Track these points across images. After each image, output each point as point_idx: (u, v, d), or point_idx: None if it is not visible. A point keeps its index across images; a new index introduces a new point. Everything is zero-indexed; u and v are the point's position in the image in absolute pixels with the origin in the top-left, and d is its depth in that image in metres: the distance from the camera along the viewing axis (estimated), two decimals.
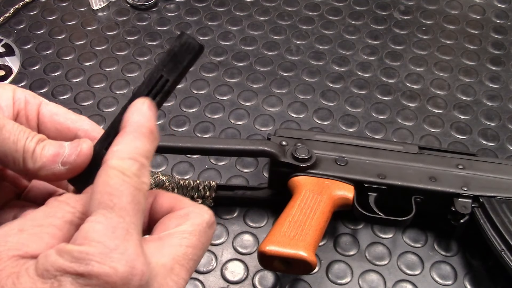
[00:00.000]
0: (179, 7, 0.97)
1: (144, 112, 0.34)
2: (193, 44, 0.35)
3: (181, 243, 0.33)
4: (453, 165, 0.65)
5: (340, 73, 0.86)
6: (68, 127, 0.38)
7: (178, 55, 0.35)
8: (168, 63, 0.36)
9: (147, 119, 0.34)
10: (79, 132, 0.38)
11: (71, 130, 0.38)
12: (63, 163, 0.34)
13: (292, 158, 0.63)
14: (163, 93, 0.36)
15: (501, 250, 0.58)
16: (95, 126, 0.38)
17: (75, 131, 0.38)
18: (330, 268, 0.63)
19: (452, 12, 0.97)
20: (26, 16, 0.95)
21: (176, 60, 0.36)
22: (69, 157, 0.34)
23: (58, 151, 0.34)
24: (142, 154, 0.32)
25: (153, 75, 0.36)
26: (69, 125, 0.38)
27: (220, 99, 0.82)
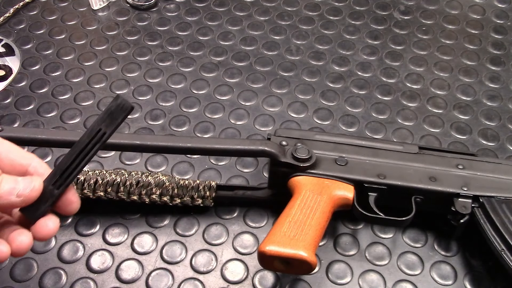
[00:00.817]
0: (179, 7, 0.97)
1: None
2: (126, 105, 0.44)
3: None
4: (453, 165, 0.65)
5: (340, 73, 0.86)
6: (21, 164, 0.45)
7: (114, 113, 0.44)
8: (106, 120, 0.44)
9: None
10: (30, 168, 0.45)
11: (23, 166, 0.45)
12: (18, 195, 0.43)
13: (292, 158, 0.63)
14: (100, 143, 0.44)
15: (501, 250, 0.58)
16: (42, 164, 0.46)
17: (26, 167, 0.45)
18: (330, 268, 0.63)
19: (452, 12, 0.97)
20: (26, 16, 0.95)
21: (112, 117, 0.44)
22: (24, 191, 0.43)
23: (14, 186, 0.43)
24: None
25: (93, 128, 0.44)
26: (22, 161, 0.45)
27: (220, 99, 0.82)
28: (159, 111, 0.79)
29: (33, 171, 0.45)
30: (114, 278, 0.61)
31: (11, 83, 0.84)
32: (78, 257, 0.63)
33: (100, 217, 0.66)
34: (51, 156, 0.73)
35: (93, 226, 0.66)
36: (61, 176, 0.44)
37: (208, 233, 0.66)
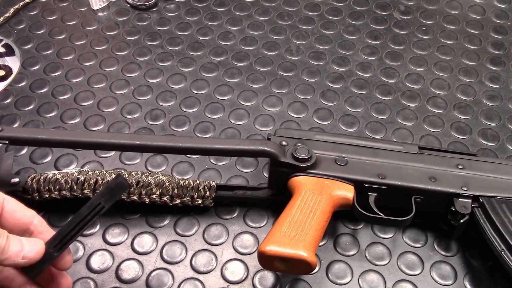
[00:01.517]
0: (179, 7, 0.97)
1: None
2: (125, 185, 0.51)
3: None
4: (453, 165, 0.65)
5: (340, 73, 0.86)
6: (24, 222, 0.50)
7: (114, 190, 0.50)
8: (105, 195, 0.50)
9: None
10: (31, 226, 0.50)
11: (26, 224, 0.50)
12: (24, 257, 0.47)
13: (292, 158, 0.63)
14: (98, 215, 0.50)
15: (501, 250, 0.58)
16: (42, 222, 0.51)
17: (28, 225, 0.50)
18: (330, 268, 0.63)
19: (452, 12, 0.97)
20: (26, 16, 0.95)
21: (111, 194, 0.50)
22: (30, 253, 0.47)
23: (21, 248, 0.47)
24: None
25: (93, 202, 0.50)
26: (25, 220, 0.50)
27: (220, 99, 0.82)
28: (159, 111, 0.79)
29: (34, 229, 0.51)
30: (114, 278, 0.61)
31: (11, 83, 0.84)
32: (78, 257, 0.63)
33: (100, 217, 0.66)
34: (51, 156, 0.73)
35: (93, 226, 0.66)
36: (61, 241, 0.50)
37: (208, 233, 0.66)
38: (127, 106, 0.80)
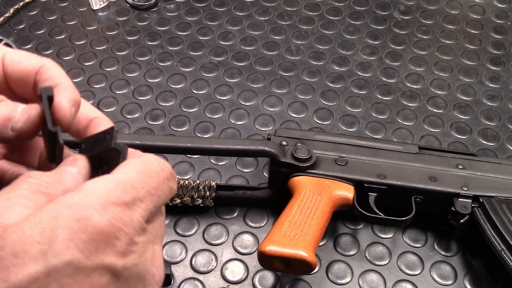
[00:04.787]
0: (179, 7, 0.97)
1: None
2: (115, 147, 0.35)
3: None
4: (453, 165, 0.65)
5: (340, 73, 0.86)
6: (28, 72, 0.36)
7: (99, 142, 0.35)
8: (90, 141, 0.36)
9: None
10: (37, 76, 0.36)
11: (30, 74, 0.36)
12: (12, 128, 0.34)
13: (292, 158, 0.63)
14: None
15: (501, 250, 0.58)
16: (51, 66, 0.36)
17: (33, 75, 0.36)
18: (330, 268, 0.63)
19: (452, 12, 0.97)
20: (26, 16, 0.95)
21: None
22: (17, 123, 0.34)
23: (9, 115, 0.34)
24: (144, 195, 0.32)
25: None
26: (29, 69, 0.36)
27: (220, 99, 0.82)
28: (159, 111, 0.79)
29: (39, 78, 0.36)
30: None
31: None
32: None
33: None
34: None
35: None
36: None
37: (208, 233, 0.66)
38: (127, 106, 0.80)
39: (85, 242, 0.27)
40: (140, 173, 0.31)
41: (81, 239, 0.27)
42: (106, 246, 0.28)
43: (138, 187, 0.31)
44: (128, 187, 0.30)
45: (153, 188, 0.32)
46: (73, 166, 0.33)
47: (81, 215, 0.27)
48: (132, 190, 0.30)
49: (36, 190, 0.30)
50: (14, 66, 0.36)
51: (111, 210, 0.28)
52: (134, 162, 0.32)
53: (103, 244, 0.28)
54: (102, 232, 0.28)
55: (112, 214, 0.28)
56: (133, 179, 0.31)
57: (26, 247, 0.26)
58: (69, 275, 0.27)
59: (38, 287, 0.26)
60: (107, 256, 0.28)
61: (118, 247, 0.28)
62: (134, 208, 0.30)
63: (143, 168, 0.32)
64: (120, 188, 0.30)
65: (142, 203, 0.30)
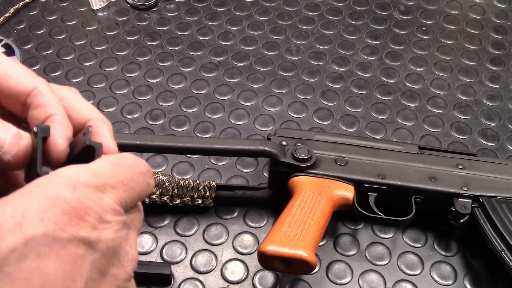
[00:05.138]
0: (179, 7, 0.97)
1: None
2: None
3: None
4: (453, 165, 0.65)
5: (340, 73, 0.86)
6: (19, 92, 0.35)
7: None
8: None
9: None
10: (28, 99, 0.35)
11: (21, 95, 0.35)
12: (4, 153, 0.32)
13: (292, 158, 0.63)
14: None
15: (501, 250, 0.58)
16: (45, 91, 0.35)
17: (24, 96, 0.35)
18: (330, 268, 0.63)
19: (452, 12, 0.97)
20: (26, 16, 0.95)
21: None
22: (5, 155, 0.32)
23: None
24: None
25: None
26: (20, 89, 0.35)
27: (220, 99, 0.82)
28: (159, 111, 0.79)
29: (31, 102, 0.35)
30: None
31: None
32: None
33: None
34: None
35: None
36: None
37: (208, 233, 0.66)
38: (127, 106, 0.80)
39: (58, 215, 0.28)
40: (114, 165, 0.32)
41: (54, 212, 0.28)
42: (78, 220, 0.29)
43: (109, 175, 0.31)
44: (99, 173, 0.31)
45: (126, 179, 0.32)
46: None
47: (53, 192, 0.28)
48: (102, 177, 0.31)
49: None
50: (6, 81, 0.35)
51: (80, 190, 0.29)
52: (109, 156, 0.34)
53: (75, 218, 0.29)
54: (74, 207, 0.29)
55: (82, 193, 0.29)
56: (104, 168, 0.32)
57: (2, 221, 0.27)
58: (46, 245, 0.27)
59: (17, 256, 0.27)
60: (80, 228, 0.29)
61: (89, 222, 0.29)
62: (105, 192, 0.31)
63: (117, 161, 0.33)
64: (90, 173, 0.31)
65: (113, 189, 0.31)
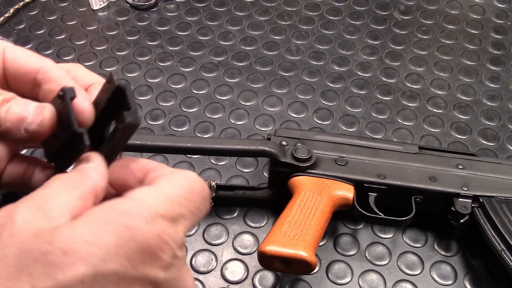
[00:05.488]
0: (179, 7, 0.97)
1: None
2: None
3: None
4: (453, 165, 0.65)
5: (340, 73, 0.86)
6: (28, 70, 0.35)
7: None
8: None
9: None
10: (38, 75, 0.35)
11: (30, 73, 0.35)
12: (25, 130, 0.32)
13: (292, 158, 0.63)
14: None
15: (501, 250, 0.58)
16: (54, 67, 0.35)
17: (33, 74, 0.35)
18: (330, 268, 0.63)
19: (452, 12, 0.97)
20: (26, 16, 0.95)
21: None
22: (31, 125, 0.32)
23: (21, 115, 0.32)
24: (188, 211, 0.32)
25: None
26: (29, 68, 0.35)
27: (220, 99, 0.82)
28: (159, 111, 0.79)
29: (42, 77, 0.35)
30: None
31: None
32: None
33: None
34: None
35: None
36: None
37: (208, 233, 0.66)
38: None
39: (133, 252, 0.27)
40: (185, 191, 0.32)
41: (130, 248, 0.27)
42: (151, 257, 0.28)
43: (182, 204, 0.31)
44: (175, 203, 0.30)
45: (195, 207, 0.32)
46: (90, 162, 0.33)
47: (133, 223, 0.27)
48: (177, 207, 0.30)
49: (68, 186, 0.30)
50: (14, 62, 0.35)
51: (160, 223, 0.28)
52: (178, 178, 0.32)
53: (149, 256, 0.28)
54: (150, 244, 0.28)
55: (161, 227, 0.28)
56: (179, 196, 0.31)
57: (76, 246, 0.26)
58: (113, 282, 0.27)
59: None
60: (152, 268, 0.28)
61: (163, 260, 0.28)
62: (178, 223, 0.30)
63: (188, 186, 0.32)
64: (168, 202, 0.30)
65: (184, 220, 0.31)
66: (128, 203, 0.29)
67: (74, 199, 0.30)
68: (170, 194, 0.31)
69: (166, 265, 0.29)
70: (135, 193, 0.30)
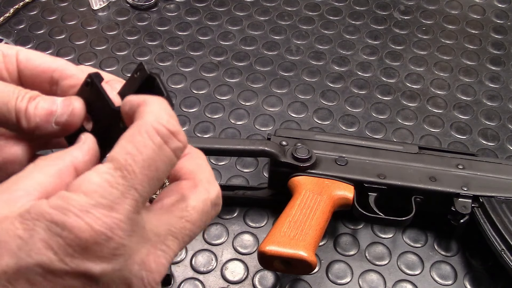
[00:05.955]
0: (179, 7, 0.97)
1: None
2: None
3: (182, 215, 0.32)
4: (453, 165, 0.65)
5: (340, 73, 0.86)
6: (43, 70, 0.36)
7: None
8: None
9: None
10: (54, 74, 0.36)
11: (45, 72, 0.36)
12: (56, 122, 0.33)
13: (292, 158, 0.63)
14: None
15: (501, 250, 0.58)
16: (69, 65, 0.36)
17: (49, 73, 0.36)
18: (330, 268, 0.63)
19: (452, 12, 0.97)
20: (26, 16, 0.95)
21: None
22: (61, 117, 0.33)
23: (50, 109, 0.33)
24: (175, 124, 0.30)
25: None
26: (44, 67, 0.36)
27: (220, 99, 0.82)
28: None
29: (59, 75, 0.36)
30: None
31: None
32: None
33: None
34: None
35: None
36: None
37: (208, 233, 0.66)
38: None
39: (60, 246, 0.27)
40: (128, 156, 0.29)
41: (57, 242, 0.27)
42: (83, 251, 0.27)
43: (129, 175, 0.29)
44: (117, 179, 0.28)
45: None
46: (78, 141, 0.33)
47: (60, 219, 0.27)
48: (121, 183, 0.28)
49: (45, 165, 0.31)
50: (28, 63, 0.36)
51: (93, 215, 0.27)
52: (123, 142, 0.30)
53: (79, 249, 0.27)
54: (79, 237, 0.27)
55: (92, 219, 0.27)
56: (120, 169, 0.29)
57: (8, 239, 0.27)
58: (39, 274, 0.27)
59: (6, 279, 0.27)
60: (83, 261, 0.27)
61: (98, 252, 0.28)
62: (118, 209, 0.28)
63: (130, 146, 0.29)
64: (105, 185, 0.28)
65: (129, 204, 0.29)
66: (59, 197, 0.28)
67: (47, 176, 0.30)
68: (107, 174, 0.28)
69: (103, 256, 0.28)
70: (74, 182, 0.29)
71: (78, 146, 0.32)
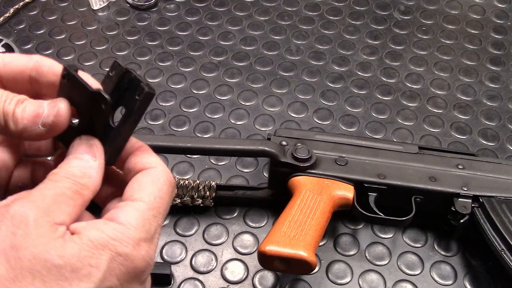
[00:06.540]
0: (179, 7, 0.97)
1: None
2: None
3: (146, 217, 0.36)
4: (453, 165, 0.65)
5: (340, 73, 0.86)
6: (20, 71, 0.37)
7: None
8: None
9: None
10: (31, 73, 0.37)
11: (23, 73, 0.37)
12: (43, 124, 0.34)
13: (292, 158, 0.63)
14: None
15: (501, 250, 0.58)
16: (44, 60, 0.37)
17: (27, 73, 0.37)
18: (330, 268, 0.63)
19: (452, 12, 0.97)
20: (26, 16, 0.95)
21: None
22: (47, 118, 0.34)
23: (37, 112, 0.34)
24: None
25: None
26: (20, 68, 0.37)
27: (220, 99, 0.82)
28: (159, 111, 0.79)
29: (35, 73, 0.37)
30: None
31: None
32: None
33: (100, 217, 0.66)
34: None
35: None
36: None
37: (208, 233, 0.66)
38: None
39: (122, 273, 0.32)
40: (157, 199, 0.35)
41: (120, 270, 0.32)
42: (135, 276, 0.33)
43: (157, 215, 0.35)
44: (151, 218, 0.35)
45: (165, 209, 0.36)
46: (93, 157, 0.36)
47: (123, 250, 0.32)
48: (154, 221, 0.35)
49: (76, 191, 0.34)
50: (6, 67, 0.37)
51: (143, 247, 0.33)
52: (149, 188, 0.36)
53: (134, 275, 0.33)
54: (136, 266, 0.33)
55: (144, 251, 0.33)
56: (153, 209, 0.35)
57: (81, 266, 0.31)
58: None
59: None
60: (133, 284, 0.34)
61: (143, 277, 0.34)
62: (153, 239, 0.35)
63: (158, 192, 0.36)
64: (146, 222, 0.34)
65: (159, 227, 0.35)
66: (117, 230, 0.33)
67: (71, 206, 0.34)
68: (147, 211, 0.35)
69: (142, 281, 0.35)
70: (119, 217, 0.34)
71: (93, 171, 0.36)
